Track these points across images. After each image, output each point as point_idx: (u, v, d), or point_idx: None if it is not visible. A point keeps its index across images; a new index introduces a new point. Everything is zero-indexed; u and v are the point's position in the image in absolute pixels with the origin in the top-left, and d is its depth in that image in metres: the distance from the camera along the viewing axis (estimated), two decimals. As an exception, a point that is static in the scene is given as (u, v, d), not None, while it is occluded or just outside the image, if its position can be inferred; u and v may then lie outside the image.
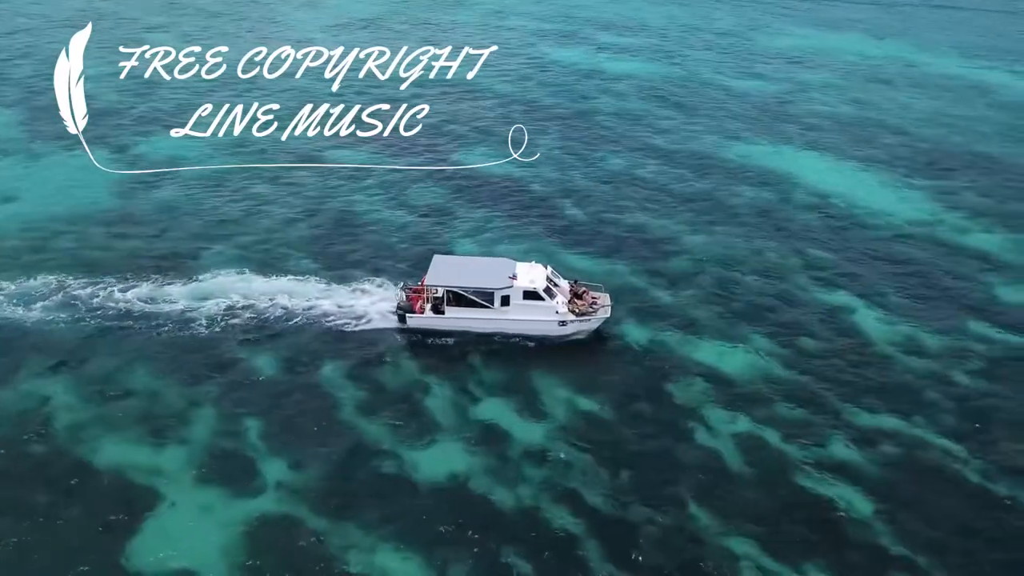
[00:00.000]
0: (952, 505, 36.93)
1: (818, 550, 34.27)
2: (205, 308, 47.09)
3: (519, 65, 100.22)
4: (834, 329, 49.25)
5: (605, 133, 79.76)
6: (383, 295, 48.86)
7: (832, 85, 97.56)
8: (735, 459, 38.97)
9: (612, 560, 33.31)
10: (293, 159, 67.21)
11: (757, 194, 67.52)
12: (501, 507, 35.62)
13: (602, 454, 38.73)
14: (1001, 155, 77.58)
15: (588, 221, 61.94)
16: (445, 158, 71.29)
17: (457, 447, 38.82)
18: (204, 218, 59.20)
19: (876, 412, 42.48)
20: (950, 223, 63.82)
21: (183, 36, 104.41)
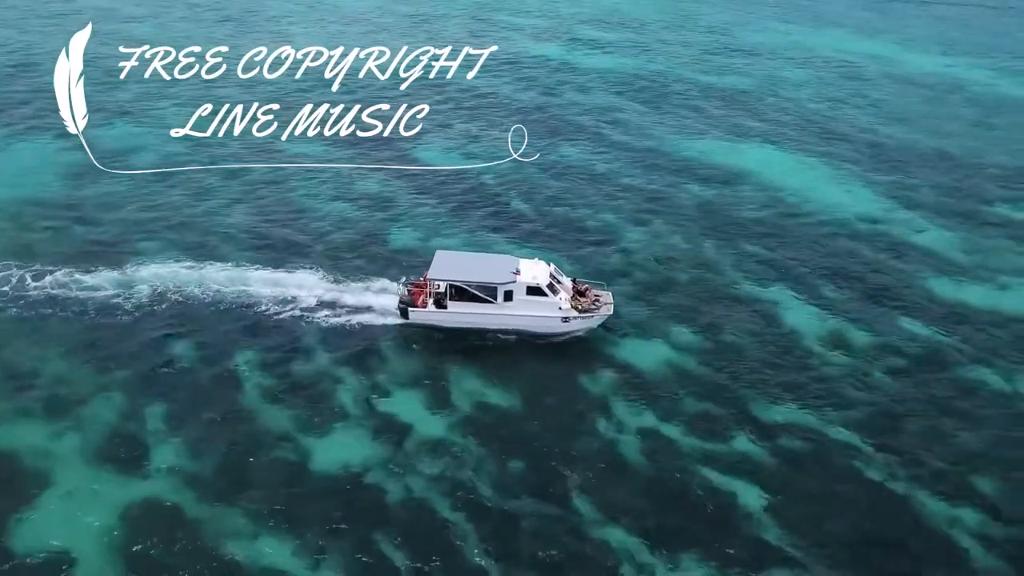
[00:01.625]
0: (845, 501, 36.80)
1: (699, 543, 34.24)
2: (133, 296, 47.48)
3: (501, 61, 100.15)
4: (759, 324, 49.11)
5: (565, 126, 79.62)
6: (312, 283, 49.35)
7: (806, 82, 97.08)
8: (633, 452, 38.98)
9: (489, 550, 33.34)
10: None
11: (707, 190, 67.30)
12: (391, 498, 35.75)
13: (500, 446, 38.82)
14: (963, 154, 76.96)
15: (532, 215, 61.92)
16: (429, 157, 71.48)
17: (356, 436, 39.04)
18: (155, 212, 59.42)
19: (786, 407, 42.36)
20: (900, 220, 63.41)
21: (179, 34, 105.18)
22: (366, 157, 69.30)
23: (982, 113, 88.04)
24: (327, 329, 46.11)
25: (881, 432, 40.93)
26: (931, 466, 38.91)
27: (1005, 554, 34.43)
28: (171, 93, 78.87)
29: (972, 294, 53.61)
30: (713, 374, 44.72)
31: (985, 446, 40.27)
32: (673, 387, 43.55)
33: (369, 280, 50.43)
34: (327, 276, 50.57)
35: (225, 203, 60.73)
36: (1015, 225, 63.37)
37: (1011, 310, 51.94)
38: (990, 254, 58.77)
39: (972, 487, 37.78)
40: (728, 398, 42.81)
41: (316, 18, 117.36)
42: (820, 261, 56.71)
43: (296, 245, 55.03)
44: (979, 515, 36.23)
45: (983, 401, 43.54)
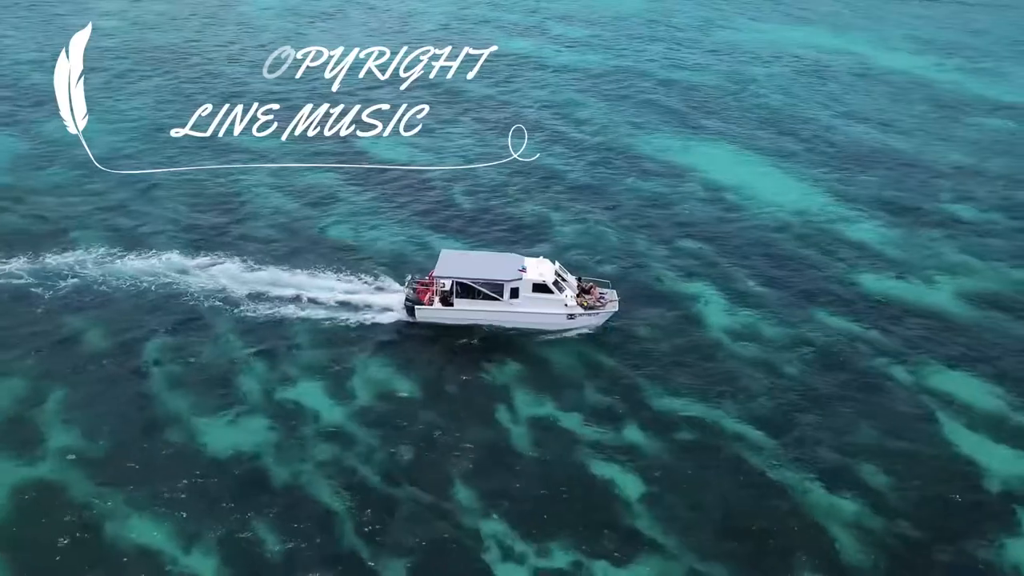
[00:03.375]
0: (726, 491, 37.19)
1: (572, 531, 34.70)
2: (53, 284, 48.38)
3: (468, 56, 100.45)
4: (674, 318, 49.49)
5: (520, 122, 79.79)
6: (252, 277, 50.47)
7: (772, 79, 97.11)
8: (523, 442, 39.50)
9: (361, 535, 33.95)
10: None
11: (650, 185, 67.66)
12: (275, 482, 36.43)
13: (390, 434, 39.44)
14: (915, 152, 77.01)
15: (472, 208, 62.43)
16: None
17: (252, 422, 39.79)
18: (98, 203, 60.34)
19: (686, 399, 42.76)
20: (838, 217, 63.60)
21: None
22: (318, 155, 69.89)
23: (942, 112, 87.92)
24: (251, 319, 46.87)
25: (776, 424, 41.30)
26: (819, 457, 39.29)
27: (876, 544, 34.79)
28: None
29: (897, 289, 53.85)
30: (619, 367, 45.15)
31: (877, 438, 40.59)
32: (577, 379, 44.01)
33: (326, 274, 51.32)
34: (289, 272, 51.39)
35: (170, 196, 61.52)
36: (954, 223, 63.46)
37: (932, 305, 52.17)
38: (923, 251, 58.93)
39: (856, 478, 38.12)
40: (630, 390, 43.25)
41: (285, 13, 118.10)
42: (749, 257, 57.02)
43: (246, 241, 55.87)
44: (858, 506, 36.55)
45: (885, 394, 43.85)
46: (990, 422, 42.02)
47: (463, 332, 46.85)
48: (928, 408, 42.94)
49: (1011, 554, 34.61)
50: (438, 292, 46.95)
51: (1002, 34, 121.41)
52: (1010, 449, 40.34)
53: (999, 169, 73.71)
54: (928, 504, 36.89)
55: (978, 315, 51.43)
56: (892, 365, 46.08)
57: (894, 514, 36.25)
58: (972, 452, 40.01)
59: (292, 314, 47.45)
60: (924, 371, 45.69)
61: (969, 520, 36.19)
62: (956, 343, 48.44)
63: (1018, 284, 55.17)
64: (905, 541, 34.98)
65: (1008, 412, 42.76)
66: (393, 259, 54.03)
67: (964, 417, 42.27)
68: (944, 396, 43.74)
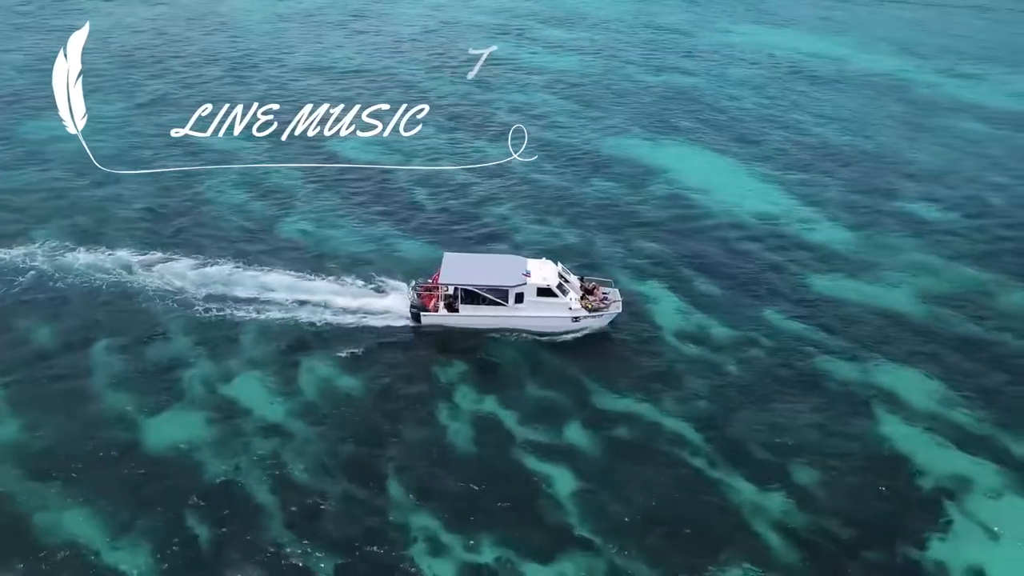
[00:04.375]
0: (657, 488, 37.58)
1: (501, 526, 35.13)
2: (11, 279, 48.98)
3: (445, 57, 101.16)
4: (624, 317, 49.60)
5: (491, 123, 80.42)
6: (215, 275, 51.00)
7: (748, 81, 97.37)
8: (463, 439, 39.92)
9: (291, 529, 34.32)
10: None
11: (615, 186, 67.99)
12: (209, 477, 36.81)
13: (331, 431, 39.90)
14: (884, 153, 77.32)
15: (431, 209, 62.81)
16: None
17: (190, 417, 40.23)
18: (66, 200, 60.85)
19: (627, 398, 43.13)
20: (798, 218, 63.89)
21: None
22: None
23: (916, 114, 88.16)
24: (203, 318, 47.33)
25: (714, 422, 41.65)
26: (753, 455, 39.63)
27: (801, 541, 35.15)
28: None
29: (850, 290, 54.13)
30: (564, 366, 45.49)
31: (813, 437, 40.91)
32: (521, 377, 44.37)
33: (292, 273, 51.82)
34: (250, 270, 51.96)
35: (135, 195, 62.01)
36: (914, 224, 63.73)
37: (884, 305, 52.46)
38: (880, 252, 59.21)
39: (788, 476, 38.48)
40: (572, 388, 43.61)
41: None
42: (704, 257, 57.34)
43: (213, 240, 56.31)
44: (786, 503, 36.92)
45: (825, 393, 44.17)
46: (929, 420, 42.38)
47: (421, 332, 47.20)
48: (868, 407, 43.27)
49: (935, 550, 34.98)
50: (443, 298, 47.05)
51: (984, 37, 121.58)
52: (945, 447, 40.69)
53: (966, 171, 73.99)
54: (857, 501, 37.20)
55: (929, 314, 51.74)
56: (836, 364, 46.40)
57: (822, 511, 36.61)
58: (907, 450, 40.36)
59: (245, 313, 47.79)
60: (868, 370, 46.01)
61: (897, 517, 36.53)
62: (904, 342, 48.76)
63: (973, 283, 55.48)
64: (830, 538, 35.34)
65: (947, 410, 43.09)
66: (353, 259, 54.33)
67: (903, 415, 42.62)
68: (886, 394, 44.08)
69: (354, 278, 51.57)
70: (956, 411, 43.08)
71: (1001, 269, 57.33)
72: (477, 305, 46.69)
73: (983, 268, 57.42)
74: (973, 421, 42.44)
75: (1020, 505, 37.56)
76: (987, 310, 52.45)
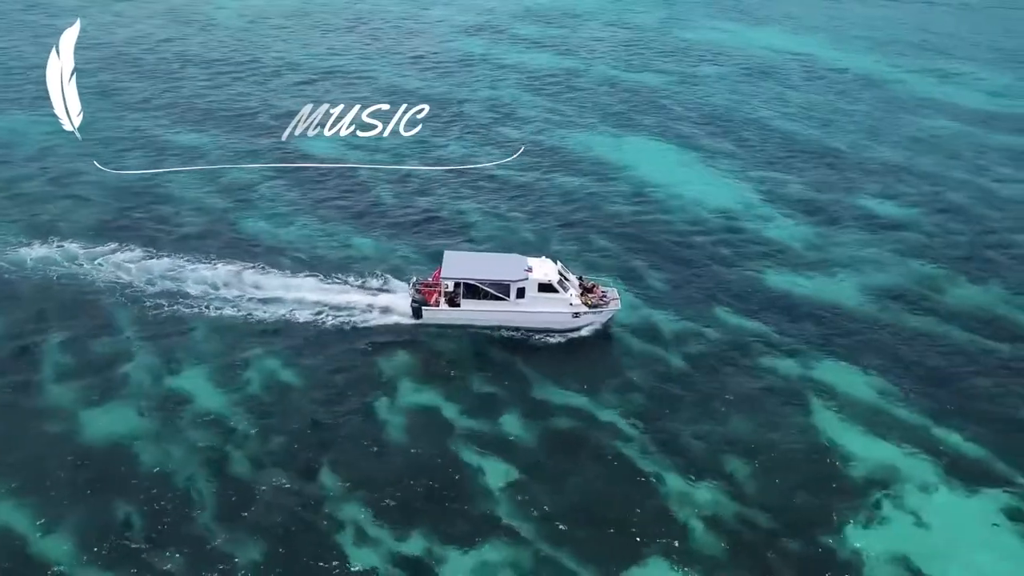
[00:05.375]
0: (587, 480, 37.93)
1: (430, 518, 35.45)
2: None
3: (419, 55, 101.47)
4: (573, 312, 49.97)
5: (461, 120, 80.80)
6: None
7: (722, 78, 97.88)
8: (400, 432, 40.22)
9: (221, 520, 34.71)
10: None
11: (577, 183, 68.44)
12: (144, 467, 37.13)
13: (268, 421, 40.16)
14: (850, 150, 77.86)
15: (392, 204, 63.19)
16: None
17: (129, 409, 40.49)
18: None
19: (568, 392, 43.48)
20: (758, 215, 64.40)
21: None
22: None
23: (884, 111, 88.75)
24: (154, 313, 47.62)
25: (651, 416, 42.06)
26: (687, 448, 40.06)
27: (727, 533, 35.55)
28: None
29: (799, 285, 54.64)
30: (509, 359, 45.92)
31: (749, 431, 41.35)
32: (465, 370, 44.78)
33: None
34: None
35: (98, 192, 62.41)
36: (870, 220, 64.29)
37: (831, 300, 53.00)
38: (833, 248, 59.74)
39: (720, 469, 38.88)
40: (516, 383, 44.00)
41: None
42: (659, 253, 57.80)
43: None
44: (716, 496, 37.33)
45: (766, 388, 44.63)
46: (865, 413, 42.86)
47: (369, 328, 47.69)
48: (807, 401, 43.72)
49: (858, 540, 35.40)
50: (444, 293, 47.49)
51: (963, 35, 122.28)
52: (879, 439, 41.15)
53: (928, 168, 74.59)
54: (786, 494, 37.64)
55: (876, 309, 52.29)
56: (778, 358, 46.89)
57: (749, 503, 37.03)
58: (841, 442, 40.81)
59: (196, 308, 48.10)
60: (809, 364, 46.49)
61: (824, 508, 36.95)
62: (848, 336, 49.29)
63: (923, 278, 56.06)
64: (754, 528, 35.77)
65: (884, 403, 43.62)
66: (313, 256, 54.53)
67: (839, 408, 43.10)
68: (824, 388, 44.56)
69: (311, 273, 51.89)
70: (893, 404, 43.57)
71: (952, 265, 57.90)
72: (478, 300, 47.08)
73: (934, 263, 57.99)
74: (909, 413, 42.94)
75: (949, 496, 38.04)
76: (934, 304, 53.01)
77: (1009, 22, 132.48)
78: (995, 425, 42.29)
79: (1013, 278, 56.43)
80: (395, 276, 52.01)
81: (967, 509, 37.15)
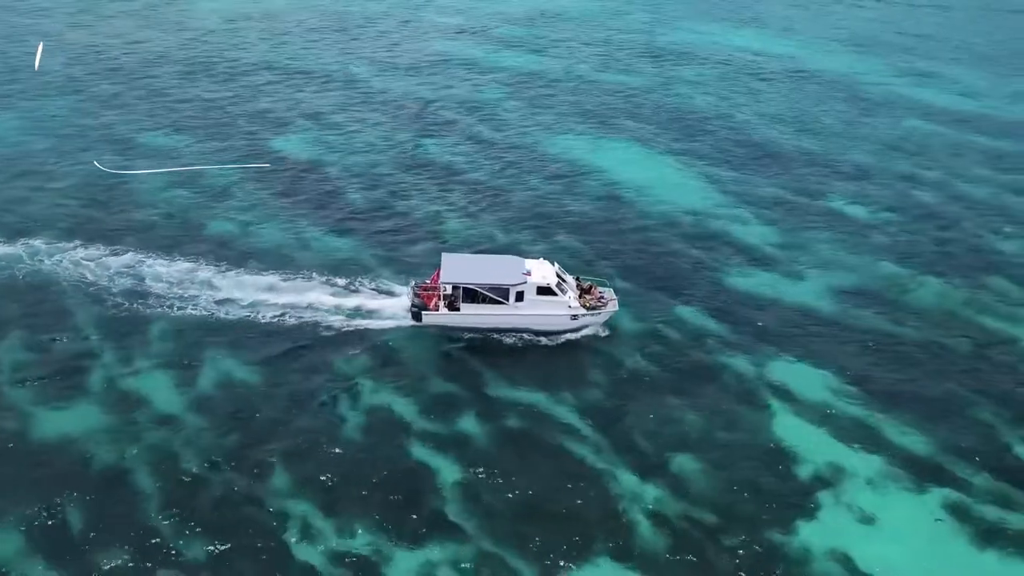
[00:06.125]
0: (537, 476, 38.34)
1: (377, 514, 35.81)
2: None
3: (402, 58, 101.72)
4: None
5: (436, 122, 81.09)
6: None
7: (700, 80, 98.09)
8: (356, 431, 40.56)
9: (165, 513, 35.04)
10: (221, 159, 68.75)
11: (549, 184, 68.75)
12: (95, 465, 37.44)
13: (223, 422, 40.45)
14: (822, 152, 78.16)
15: (363, 205, 63.49)
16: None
17: (87, 409, 40.80)
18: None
19: (524, 388, 43.89)
20: (726, 215, 64.65)
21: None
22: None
23: (861, 112, 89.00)
24: (114, 312, 47.98)
25: (605, 414, 42.42)
26: (638, 446, 40.39)
27: (672, 529, 35.91)
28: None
29: (763, 285, 54.97)
30: (466, 358, 46.23)
31: (701, 428, 41.71)
32: (423, 369, 45.12)
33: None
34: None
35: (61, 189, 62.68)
36: (838, 220, 64.60)
37: (794, 300, 53.36)
38: (800, 248, 60.06)
39: (669, 466, 39.28)
40: (472, 382, 44.34)
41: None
42: (625, 254, 58.11)
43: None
44: (663, 493, 37.69)
45: (720, 386, 45.01)
46: (817, 411, 43.23)
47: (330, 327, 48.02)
48: (762, 400, 44.07)
49: (802, 537, 35.77)
50: (443, 297, 47.77)
51: (946, 37, 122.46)
52: (829, 437, 41.53)
53: (900, 169, 74.91)
54: (733, 491, 37.99)
55: (837, 309, 52.62)
56: (736, 357, 47.19)
57: (696, 500, 37.37)
58: (791, 441, 41.15)
59: (159, 308, 48.43)
60: (766, 363, 46.83)
61: (770, 506, 37.29)
62: (807, 336, 49.65)
63: (886, 278, 56.40)
64: (699, 525, 36.11)
65: (837, 402, 43.99)
66: (278, 256, 54.85)
67: (792, 407, 43.50)
68: (778, 387, 44.92)
69: (274, 272, 52.27)
70: (846, 403, 43.89)
71: (916, 265, 58.24)
72: (478, 304, 47.42)
73: (899, 263, 58.36)
74: (861, 413, 43.27)
75: (895, 494, 38.40)
76: (895, 305, 53.35)
77: (989, 23, 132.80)
78: (945, 423, 42.66)
79: (976, 279, 56.75)
80: (360, 276, 52.46)
81: (911, 506, 37.55)
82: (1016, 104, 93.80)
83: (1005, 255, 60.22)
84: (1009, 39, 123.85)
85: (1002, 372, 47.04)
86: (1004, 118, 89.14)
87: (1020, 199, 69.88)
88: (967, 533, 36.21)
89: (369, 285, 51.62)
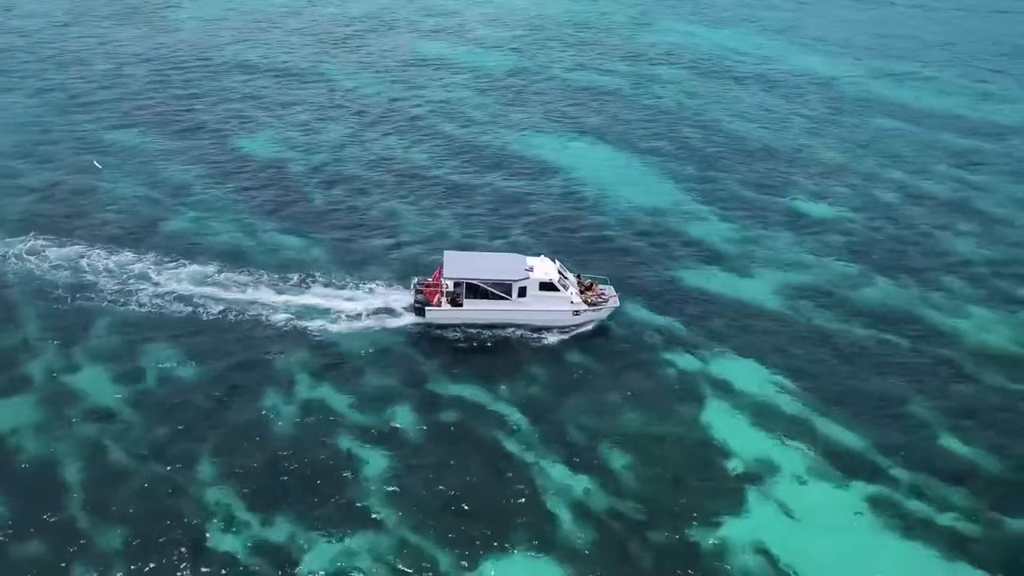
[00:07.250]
0: (469, 471, 38.42)
1: (299, 505, 35.92)
2: None
3: (377, 59, 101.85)
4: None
5: (405, 121, 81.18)
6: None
7: (677, 80, 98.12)
8: (287, 424, 40.59)
9: (89, 508, 35.10)
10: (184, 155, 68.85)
11: (511, 183, 68.76)
12: (22, 459, 37.63)
13: (160, 415, 40.53)
14: (789, 151, 78.22)
15: (322, 204, 63.56)
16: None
17: (27, 403, 40.83)
18: None
19: (463, 383, 43.96)
20: (686, 214, 64.72)
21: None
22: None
23: (832, 111, 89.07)
24: (59, 306, 48.16)
25: (542, 407, 42.53)
26: (572, 440, 40.49)
27: (595, 523, 35.95)
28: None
29: (715, 282, 54.96)
30: (408, 353, 46.31)
31: (637, 423, 41.80)
32: (358, 363, 45.11)
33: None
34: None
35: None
36: (797, 219, 64.69)
37: (743, 298, 53.41)
38: (756, 246, 60.09)
39: (600, 461, 39.35)
40: (414, 376, 44.38)
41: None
42: (580, 252, 58.04)
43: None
44: (591, 487, 37.76)
45: (659, 381, 45.11)
46: (753, 407, 43.27)
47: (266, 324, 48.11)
48: (700, 395, 44.11)
49: (726, 532, 35.80)
50: (445, 293, 47.96)
51: (928, 38, 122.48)
52: (763, 433, 41.57)
53: (865, 167, 74.98)
54: (662, 486, 38.04)
55: (785, 306, 52.67)
56: (678, 353, 47.26)
57: (624, 494, 37.42)
58: (725, 436, 41.19)
59: (104, 302, 48.51)
60: (708, 359, 46.87)
61: (697, 500, 37.33)
62: (752, 333, 49.69)
63: (838, 277, 56.46)
64: (623, 519, 36.17)
65: (774, 398, 44.06)
66: (225, 251, 54.98)
67: (729, 403, 43.52)
68: (718, 382, 44.99)
69: (221, 267, 52.35)
70: (783, 399, 43.94)
71: (870, 263, 58.28)
72: (481, 299, 47.67)
73: (852, 262, 58.42)
74: (797, 409, 43.32)
75: (823, 489, 38.44)
76: (844, 302, 53.41)
77: (966, 23, 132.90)
78: (878, 419, 42.71)
79: (928, 277, 56.80)
80: (314, 275, 52.44)
81: (834, 500, 37.59)
82: (985, 103, 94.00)
83: (958, 254, 60.24)
84: (985, 39, 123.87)
85: (940, 368, 47.05)
86: (974, 117, 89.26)
87: (980, 197, 69.89)
88: (889, 527, 36.26)
89: (321, 282, 51.65)
